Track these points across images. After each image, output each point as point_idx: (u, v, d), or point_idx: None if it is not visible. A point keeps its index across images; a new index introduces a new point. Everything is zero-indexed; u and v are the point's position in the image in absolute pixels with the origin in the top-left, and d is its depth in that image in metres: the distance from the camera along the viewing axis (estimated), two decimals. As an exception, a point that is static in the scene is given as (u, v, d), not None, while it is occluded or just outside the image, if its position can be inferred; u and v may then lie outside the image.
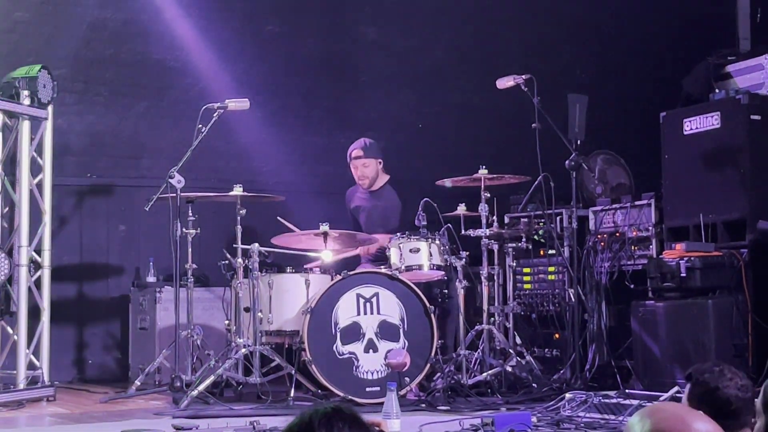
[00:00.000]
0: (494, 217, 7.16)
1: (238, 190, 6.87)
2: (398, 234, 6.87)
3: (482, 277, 7.11)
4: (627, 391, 6.20)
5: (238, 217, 6.85)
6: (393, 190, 7.75)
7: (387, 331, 6.57)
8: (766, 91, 6.88)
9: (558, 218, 7.68)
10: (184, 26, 8.08)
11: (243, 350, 6.62)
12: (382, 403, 5.00)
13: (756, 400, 2.90)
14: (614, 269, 7.23)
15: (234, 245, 6.80)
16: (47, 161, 7.02)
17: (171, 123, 8.43)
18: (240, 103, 7.00)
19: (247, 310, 6.74)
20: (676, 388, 5.73)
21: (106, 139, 8.49)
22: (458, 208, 7.17)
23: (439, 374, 6.62)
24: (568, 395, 5.90)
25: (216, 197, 7.33)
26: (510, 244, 7.46)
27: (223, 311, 7.20)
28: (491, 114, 9.06)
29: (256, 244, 6.74)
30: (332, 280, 6.64)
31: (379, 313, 6.58)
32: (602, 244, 7.37)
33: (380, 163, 7.72)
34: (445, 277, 7.03)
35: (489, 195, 7.05)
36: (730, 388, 3.04)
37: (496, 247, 7.27)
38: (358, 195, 7.86)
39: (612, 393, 6.04)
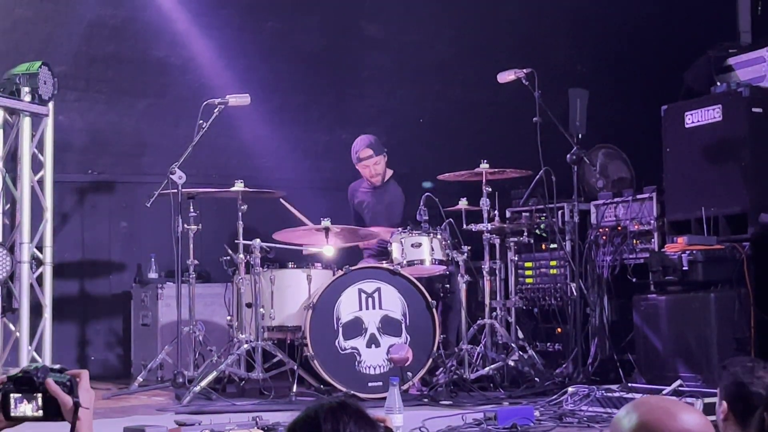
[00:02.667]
0: (496, 212, 7.16)
1: (239, 186, 6.86)
2: (400, 229, 6.88)
3: (484, 272, 7.11)
4: (629, 384, 6.21)
5: (240, 213, 6.84)
6: (397, 185, 7.76)
7: (389, 326, 6.57)
8: (767, 84, 6.87)
9: (559, 212, 7.67)
10: (184, 23, 8.08)
11: (245, 346, 6.63)
12: (384, 398, 5.01)
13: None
14: (616, 263, 7.23)
15: (235, 241, 6.80)
16: (48, 158, 7.01)
17: (172, 119, 8.42)
18: (241, 99, 7.00)
19: (249, 305, 6.74)
20: (678, 382, 5.75)
21: (107, 135, 8.48)
22: (460, 202, 7.17)
23: (441, 369, 6.63)
24: (570, 389, 5.90)
25: (217, 193, 7.33)
26: (512, 239, 7.46)
27: (225, 307, 7.21)
28: (492, 108, 9.06)
29: (258, 240, 6.74)
30: (334, 275, 6.64)
31: (381, 308, 6.58)
32: (604, 238, 7.36)
33: (385, 157, 7.73)
34: (447, 272, 7.04)
35: (490, 189, 7.05)
36: (755, 386, 3.04)
37: (497, 242, 7.28)
38: (362, 190, 7.86)
39: (614, 387, 6.05)
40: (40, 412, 2.37)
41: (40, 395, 2.36)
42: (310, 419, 2.03)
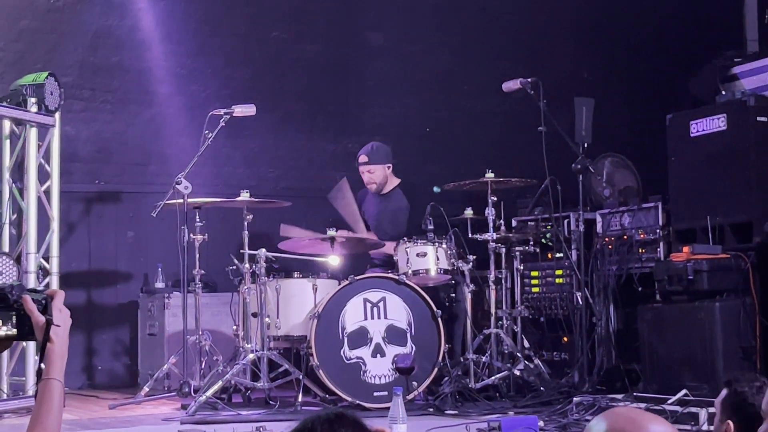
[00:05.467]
0: (501, 221, 7.16)
1: (245, 196, 6.88)
2: (405, 238, 6.89)
3: (490, 281, 7.12)
4: (635, 394, 6.20)
5: (245, 223, 6.86)
6: (402, 194, 7.76)
7: (394, 335, 6.56)
8: (772, 93, 6.87)
9: (565, 221, 7.67)
10: (190, 33, 8.11)
11: (251, 355, 6.63)
12: (389, 408, 5.01)
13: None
14: (622, 272, 7.22)
15: (241, 251, 6.81)
16: (55, 168, 7.04)
17: (178, 129, 8.43)
18: (246, 109, 7.02)
19: (254, 315, 6.75)
20: (683, 391, 5.73)
21: (113, 145, 8.51)
22: (465, 212, 7.18)
23: (446, 378, 6.62)
24: (575, 399, 5.89)
25: (223, 203, 7.33)
26: (517, 248, 7.45)
27: (231, 317, 7.21)
28: (497, 117, 9.07)
29: (263, 250, 6.74)
30: (339, 284, 6.65)
31: (386, 317, 6.58)
32: (610, 247, 7.35)
33: (389, 167, 7.73)
34: (453, 281, 7.03)
35: (496, 199, 7.05)
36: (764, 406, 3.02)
37: (503, 251, 7.27)
38: (369, 198, 7.87)
39: (619, 396, 6.04)
40: (14, 331, 2.36)
41: (14, 313, 2.35)
42: (307, 430, 2.04)
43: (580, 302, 7.20)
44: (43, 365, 2.38)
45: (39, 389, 2.39)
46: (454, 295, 7.17)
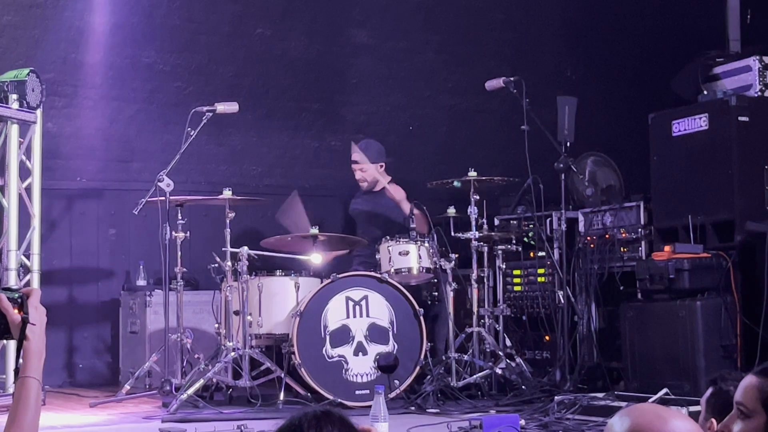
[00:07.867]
0: (484, 220, 7.17)
1: (227, 194, 6.87)
2: (387, 237, 6.89)
3: (472, 280, 7.12)
4: (616, 392, 6.22)
5: (227, 221, 6.84)
6: None
7: (376, 334, 6.57)
8: (754, 93, 6.89)
9: (548, 220, 7.68)
10: (173, 30, 8.09)
11: (232, 354, 6.61)
12: (371, 407, 5.01)
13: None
14: (604, 271, 7.24)
15: (223, 249, 6.80)
16: (36, 165, 7.00)
17: (160, 126, 8.41)
18: (229, 106, 7.02)
19: (236, 313, 6.73)
20: (664, 390, 5.76)
21: (95, 142, 8.45)
22: (448, 210, 7.18)
23: (428, 377, 6.62)
24: (557, 397, 5.91)
25: (205, 200, 7.32)
26: (500, 246, 7.46)
27: (213, 315, 7.20)
28: (481, 116, 9.08)
29: (245, 248, 6.73)
30: (322, 282, 6.64)
31: (368, 316, 6.58)
32: (592, 246, 7.37)
33: (381, 166, 7.74)
34: (435, 280, 7.03)
35: (478, 197, 7.06)
36: None
37: (485, 250, 7.28)
38: (358, 198, 7.89)
39: (600, 395, 6.06)
40: None
41: None
42: (294, 427, 2.04)
43: (562, 301, 7.22)
44: (20, 364, 2.37)
45: (16, 388, 2.38)
46: (436, 293, 7.17)
